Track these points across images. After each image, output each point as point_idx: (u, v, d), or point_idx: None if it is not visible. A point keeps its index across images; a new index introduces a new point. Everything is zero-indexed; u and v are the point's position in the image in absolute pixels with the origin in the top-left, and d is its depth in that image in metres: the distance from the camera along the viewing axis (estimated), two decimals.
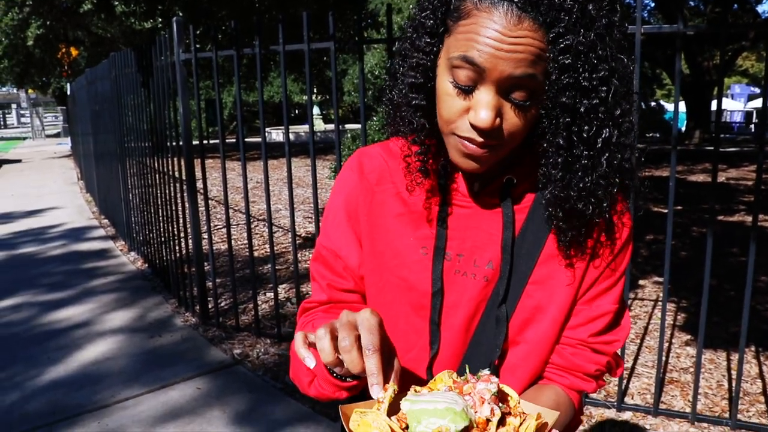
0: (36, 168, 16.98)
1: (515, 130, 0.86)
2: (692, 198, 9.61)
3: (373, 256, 1.05)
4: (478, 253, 0.99)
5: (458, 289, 1.00)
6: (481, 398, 0.75)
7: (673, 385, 3.52)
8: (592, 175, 0.89)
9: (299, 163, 14.99)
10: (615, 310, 1.00)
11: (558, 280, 0.98)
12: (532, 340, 0.99)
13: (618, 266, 0.99)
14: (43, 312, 4.84)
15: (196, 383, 3.57)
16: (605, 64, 0.83)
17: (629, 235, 1.00)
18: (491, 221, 0.99)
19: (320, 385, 0.94)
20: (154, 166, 5.25)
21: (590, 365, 0.99)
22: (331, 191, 1.11)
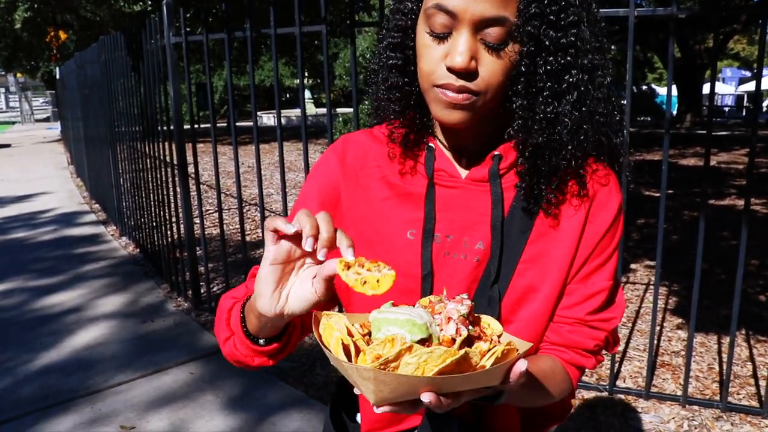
0: (25, 153, 16.85)
1: (491, 75, 0.87)
2: (684, 182, 9.64)
3: (359, 243, 1.03)
4: (468, 234, 0.99)
5: (449, 271, 0.99)
6: (447, 317, 0.75)
7: (664, 368, 3.54)
8: (555, 105, 0.90)
9: (291, 147, 14.93)
10: (610, 286, 0.99)
11: (550, 258, 0.97)
12: (525, 318, 0.98)
13: (610, 242, 0.99)
14: (35, 297, 4.81)
15: (189, 368, 3.57)
16: (574, 9, 0.87)
17: (619, 210, 1.00)
18: (480, 200, 0.98)
19: (235, 346, 0.94)
20: (144, 150, 5.22)
21: (589, 341, 0.99)
22: (308, 174, 1.10)
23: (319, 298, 0.79)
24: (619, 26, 0.95)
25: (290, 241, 0.79)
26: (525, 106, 0.91)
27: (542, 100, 0.90)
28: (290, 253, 0.80)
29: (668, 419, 3.00)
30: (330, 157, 1.08)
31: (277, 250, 0.79)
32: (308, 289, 0.80)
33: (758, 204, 7.80)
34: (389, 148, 1.03)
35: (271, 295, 0.80)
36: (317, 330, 0.77)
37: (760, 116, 16.74)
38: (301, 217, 0.76)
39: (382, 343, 0.69)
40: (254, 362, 0.94)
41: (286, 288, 0.82)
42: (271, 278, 0.80)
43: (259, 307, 0.82)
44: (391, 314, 0.73)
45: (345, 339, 0.72)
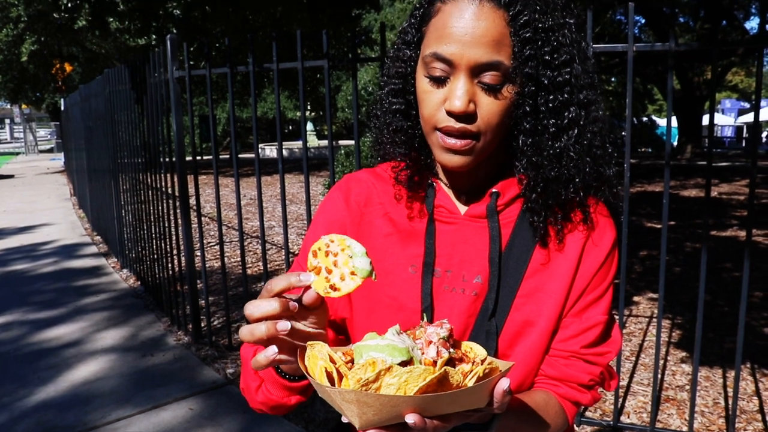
0: (29, 183, 16.92)
1: (490, 116, 0.90)
2: (685, 213, 9.64)
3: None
4: (467, 268, 1.01)
5: (448, 305, 1.01)
6: (428, 341, 0.75)
7: (669, 403, 3.50)
8: (561, 140, 0.94)
9: (292, 180, 14.98)
10: (605, 321, 1.01)
11: (546, 292, 0.99)
12: (522, 352, 0.99)
13: (605, 277, 1.01)
14: (34, 330, 4.78)
15: (189, 403, 3.53)
16: (566, 48, 0.91)
17: (613, 245, 1.02)
18: (478, 236, 1.01)
19: (268, 390, 0.94)
20: (147, 182, 5.23)
21: (584, 375, 0.99)
22: (315, 215, 1.12)
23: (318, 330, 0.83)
24: (619, 59, 0.97)
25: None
26: (532, 143, 0.94)
27: (548, 136, 0.93)
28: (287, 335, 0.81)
29: None
30: (335, 196, 1.10)
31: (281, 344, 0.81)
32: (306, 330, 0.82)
33: (760, 235, 7.78)
34: (395, 189, 1.06)
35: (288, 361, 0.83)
36: (302, 362, 0.77)
37: (760, 147, 16.78)
38: (252, 326, 0.79)
39: (363, 367, 0.70)
40: (291, 401, 0.95)
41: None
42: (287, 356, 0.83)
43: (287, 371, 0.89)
44: (373, 341, 0.74)
45: (328, 366, 0.73)
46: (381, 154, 1.10)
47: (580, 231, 1.00)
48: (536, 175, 0.95)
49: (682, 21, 21.22)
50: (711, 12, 17.60)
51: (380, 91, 1.06)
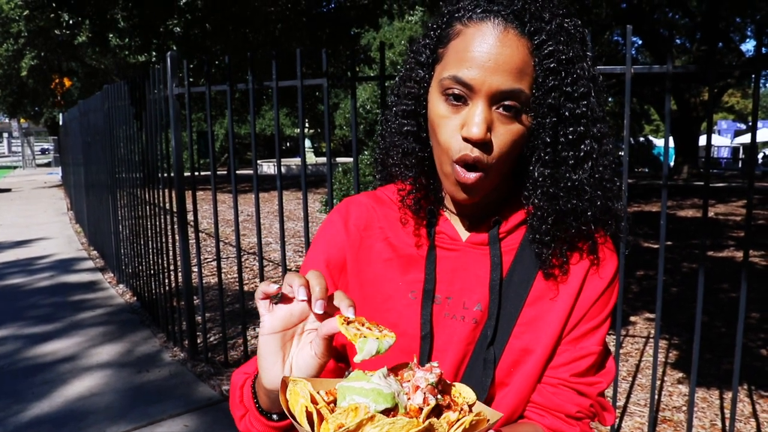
0: (26, 197, 16.90)
1: (504, 145, 0.89)
2: (682, 233, 9.66)
3: (362, 303, 1.04)
4: (467, 296, 1.00)
5: (447, 332, 1.00)
6: (415, 386, 0.73)
7: (666, 424, 3.49)
8: (579, 173, 0.93)
9: (290, 196, 14.99)
10: (598, 351, 0.99)
11: (545, 321, 0.98)
12: (519, 381, 0.99)
13: (603, 307, 1.00)
14: (29, 345, 4.76)
15: (184, 420, 3.51)
16: (584, 81, 0.91)
17: (614, 275, 1.01)
18: (479, 263, 1.00)
19: (251, 423, 0.93)
20: (144, 197, 5.23)
21: (571, 406, 0.98)
22: (314, 238, 1.11)
23: (321, 360, 0.79)
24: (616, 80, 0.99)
25: (283, 309, 0.81)
26: (550, 174, 0.93)
27: (566, 168, 0.93)
28: (286, 318, 0.81)
29: None
30: (334, 219, 1.09)
31: (272, 319, 0.81)
32: (308, 353, 0.80)
33: (757, 256, 7.79)
34: (399, 213, 1.05)
35: (273, 368, 0.81)
36: (283, 395, 0.75)
37: (757, 168, 16.87)
38: (288, 277, 0.78)
39: (345, 412, 0.68)
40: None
41: (289, 358, 0.82)
42: (271, 349, 0.81)
43: (265, 382, 0.83)
44: (357, 383, 0.72)
45: (309, 406, 0.71)
46: (383, 175, 1.10)
47: (583, 261, 0.99)
48: (550, 206, 0.94)
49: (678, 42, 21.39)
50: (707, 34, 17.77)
51: (388, 111, 1.04)
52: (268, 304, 0.80)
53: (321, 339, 0.77)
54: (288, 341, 0.81)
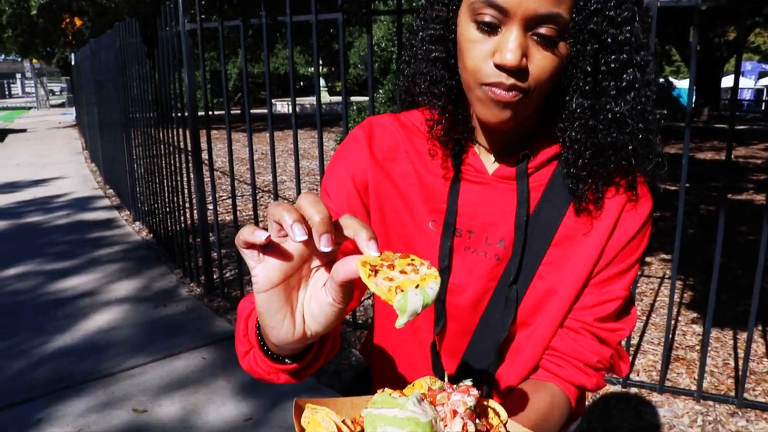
0: (41, 138, 16.96)
1: (542, 72, 0.83)
2: (700, 176, 9.54)
3: (380, 228, 1.01)
4: (490, 231, 0.96)
5: (467, 267, 0.97)
6: (453, 411, 0.65)
7: (678, 362, 3.51)
8: (621, 105, 0.87)
9: (305, 135, 14.93)
10: (624, 297, 0.96)
11: (572, 261, 0.94)
12: (542, 323, 0.96)
13: (635, 250, 0.96)
14: (49, 281, 4.84)
15: (201, 353, 3.58)
16: (628, 4, 0.83)
17: (648, 216, 0.96)
18: (505, 198, 0.96)
19: (255, 361, 0.79)
20: (159, 136, 5.22)
21: (592, 355, 0.95)
22: (334, 156, 1.05)
23: (339, 306, 0.63)
24: None
25: (277, 253, 0.62)
26: (590, 106, 0.87)
27: (606, 99, 0.87)
28: (285, 266, 0.63)
29: (682, 414, 2.97)
30: (358, 137, 1.03)
31: (266, 271, 0.63)
32: (323, 299, 0.64)
33: None
34: (427, 144, 0.99)
35: (281, 326, 0.65)
36: (299, 423, 0.66)
37: None
38: (273, 209, 0.59)
39: None
40: (280, 380, 0.79)
41: (299, 309, 0.66)
42: (274, 306, 0.64)
43: (273, 340, 0.67)
44: (390, 411, 0.62)
45: None
46: (407, 105, 1.04)
47: (619, 198, 0.94)
48: (588, 140, 0.88)
49: None
50: None
51: (412, 37, 0.98)
52: (257, 254, 0.62)
53: (338, 285, 0.60)
54: (293, 290, 0.65)
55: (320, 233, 0.57)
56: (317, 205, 0.58)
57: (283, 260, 0.62)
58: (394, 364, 1.09)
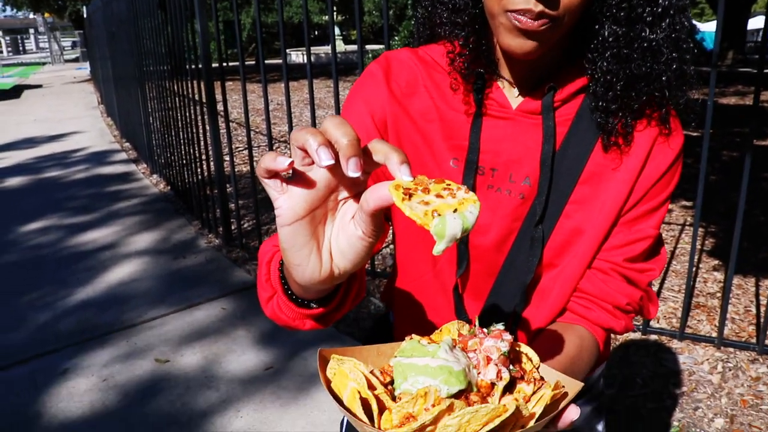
0: (56, 93, 16.95)
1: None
2: (723, 121, 9.33)
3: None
4: (514, 168, 0.92)
5: (490, 206, 0.93)
6: (487, 357, 0.61)
7: (699, 309, 3.48)
8: (656, 32, 0.82)
9: (320, 85, 14.77)
10: (655, 236, 0.92)
11: (600, 199, 0.90)
12: (569, 264, 0.93)
13: (665, 187, 0.92)
14: (69, 235, 4.89)
15: (221, 304, 3.62)
16: None
17: (680, 152, 0.92)
18: (530, 134, 0.91)
19: (279, 307, 0.75)
20: (173, 89, 5.18)
21: (621, 297, 0.92)
22: (350, 92, 1.00)
23: (370, 239, 0.59)
24: None
25: (302, 182, 0.58)
26: (624, 33, 0.82)
27: (640, 26, 0.82)
28: (310, 196, 0.58)
29: (702, 360, 2.96)
30: (375, 72, 0.98)
31: (290, 202, 0.58)
32: (352, 233, 0.59)
33: None
34: (447, 78, 0.94)
35: (307, 263, 0.61)
36: (324, 374, 0.62)
37: None
38: (296, 134, 0.55)
39: (412, 400, 0.55)
40: (305, 326, 0.76)
41: (325, 244, 0.62)
42: (299, 241, 0.59)
43: (299, 280, 0.63)
44: (421, 359, 0.58)
45: (363, 392, 0.57)
46: (425, 38, 0.99)
47: (650, 131, 0.89)
48: (621, 70, 0.83)
49: None
50: None
51: None
52: (280, 184, 0.58)
53: (368, 215, 0.56)
54: (320, 224, 0.60)
55: (348, 157, 0.52)
56: (344, 127, 0.53)
57: (308, 190, 0.58)
58: (416, 309, 1.07)
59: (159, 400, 2.73)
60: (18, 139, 9.35)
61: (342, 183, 0.59)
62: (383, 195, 0.53)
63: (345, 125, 0.54)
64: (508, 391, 0.62)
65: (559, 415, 0.62)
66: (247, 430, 2.54)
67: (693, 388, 2.77)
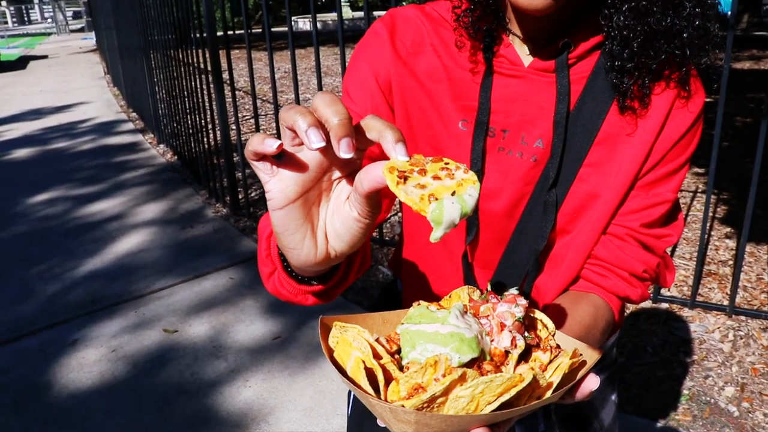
0: (62, 63, 16.86)
1: None
2: (737, 86, 9.17)
3: (405, 131, 0.93)
4: (527, 129, 0.88)
5: (501, 170, 0.89)
6: (500, 324, 0.58)
7: (710, 277, 3.45)
8: None
9: (327, 52, 14.61)
10: (673, 200, 0.88)
11: (616, 162, 0.86)
12: (583, 229, 0.89)
13: (685, 148, 0.87)
14: (77, 206, 4.89)
15: (229, 273, 3.61)
16: None
17: (701, 111, 0.87)
18: (543, 93, 0.86)
19: (280, 282, 0.73)
20: (179, 58, 5.12)
21: (638, 264, 0.88)
22: (354, 53, 0.96)
23: (366, 221, 0.56)
24: None
25: (293, 164, 0.55)
26: None
27: None
28: (302, 178, 0.56)
29: (713, 329, 2.94)
30: (379, 31, 0.94)
31: (281, 185, 0.55)
32: (347, 215, 0.57)
33: None
34: (453, 35, 0.90)
35: (301, 246, 0.58)
36: (326, 344, 0.59)
37: None
38: (285, 114, 0.52)
39: (421, 369, 0.52)
40: (308, 301, 0.74)
41: (320, 226, 0.59)
42: (292, 224, 0.57)
43: (293, 262, 0.61)
44: (430, 326, 0.55)
45: (368, 361, 0.54)
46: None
47: (668, 92, 0.84)
48: (639, 25, 0.77)
49: None
50: None
51: None
52: (270, 166, 0.55)
53: (363, 197, 0.53)
54: (313, 206, 0.58)
55: (339, 137, 0.50)
56: (335, 106, 0.50)
57: (299, 172, 0.55)
58: (424, 278, 1.04)
59: (167, 370, 2.74)
60: (24, 111, 9.32)
61: (335, 163, 0.57)
62: (377, 177, 0.51)
63: (336, 103, 0.51)
64: (523, 359, 0.59)
65: (578, 385, 0.59)
66: (255, 399, 2.55)
67: (703, 357, 2.75)
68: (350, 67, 0.95)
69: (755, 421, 2.36)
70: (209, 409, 2.50)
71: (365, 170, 0.52)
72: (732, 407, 2.44)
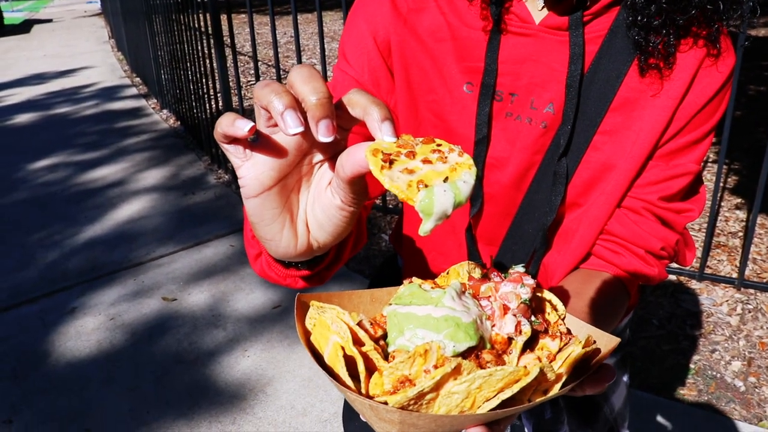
0: (67, 27, 16.69)
1: None
2: (751, 54, 8.97)
3: (405, 95, 0.86)
4: (536, 93, 0.80)
5: (509, 137, 0.82)
6: (503, 306, 0.52)
7: (720, 249, 3.38)
8: None
9: (334, 17, 14.40)
10: (696, 172, 0.81)
11: (634, 129, 0.78)
12: (596, 202, 0.82)
13: (711, 115, 0.79)
14: (79, 172, 4.84)
15: (230, 240, 3.57)
16: None
17: (731, 74, 0.78)
18: (555, 53, 0.79)
19: (268, 264, 0.68)
20: (180, 21, 5.01)
21: (655, 241, 0.81)
22: (351, 12, 0.89)
23: (350, 209, 0.51)
24: None
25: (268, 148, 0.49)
26: None
27: None
28: (278, 163, 0.50)
29: (721, 302, 2.88)
30: None
31: (255, 171, 0.50)
32: (329, 202, 0.51)
33: None
34: None
35: (280, 237, 0.53)
36: (301, 324, 0.52)
37: None
38: (259, 91, 0.46)
39: (409, 359, 0.45)
40: (297, 285, 0.69)
41: (300, 215, 0.54)
42: (269, 214, 0.52)
43: (272, 253, 0.56)
44: (421, 309, 0.48)
45: (348, 348, 0.47)
46: None
47: (696, 51, 0.76)
48: None
49: None
50: None
51: None
52: (242, 150, 0.49)
53: (345, 183, 0.48)
54: (292, 193, 0.53)
55: (317, 119, 0.44)
56: (313, 82, 0.44)
57: (276, 156, 0.49)
58: (424, 254, 0.98)
59: (166, 339, 2.72)
60: (28, 75, 9.23)
61: (316, 145, 0.51)
62: (361, 160, 0.45)
63: (314, 78, 0.45)
64: (529, 348, 0.52)
65: (590, 378, 0.51)
66: (254, 369, 2.52)
67: (710, 330, 2.70)
68: (347, 26, 0.88)
69: (762, 396, 2.32)
70: (207, 379, 2.47)
71: (347, 153, 0.46)
72: (738, 382, 2.40)
